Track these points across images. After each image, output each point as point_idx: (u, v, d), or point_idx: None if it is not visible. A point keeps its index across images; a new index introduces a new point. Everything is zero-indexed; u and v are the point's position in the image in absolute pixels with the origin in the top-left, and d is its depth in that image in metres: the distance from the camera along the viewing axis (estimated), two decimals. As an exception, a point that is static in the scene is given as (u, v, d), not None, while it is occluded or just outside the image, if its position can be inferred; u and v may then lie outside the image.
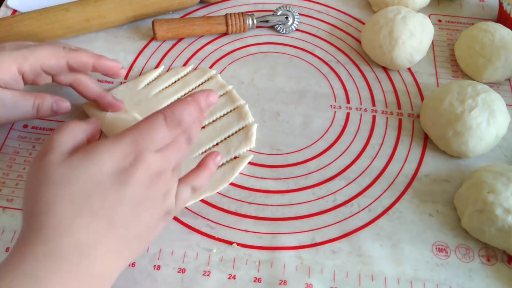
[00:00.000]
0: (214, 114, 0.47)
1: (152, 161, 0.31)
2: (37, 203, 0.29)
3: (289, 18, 0.55)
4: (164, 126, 0.32)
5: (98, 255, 0.29)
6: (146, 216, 0.32)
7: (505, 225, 0.38)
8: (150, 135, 0.32)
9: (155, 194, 0.32)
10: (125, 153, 0.31)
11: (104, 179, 0.30)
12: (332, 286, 0.38)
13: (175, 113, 0.33)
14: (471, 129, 0.43)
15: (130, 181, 0.30)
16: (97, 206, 0.29)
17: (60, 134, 0.32)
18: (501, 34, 0.50)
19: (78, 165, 0.30)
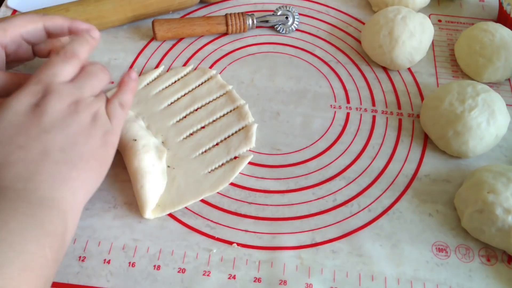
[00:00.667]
0: (214, 114, 0.47)
1: (62, 89, 0.34)
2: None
3: (289, 18, 0.55)
4: (61, 61, 0.35)
5: (42, 180, 0.31)
6: (80, 138, 0.34)
7: (505, 225, 0.38)
8: (52, 71, 0.35)
9: (80, 118, 0.34)
10: (34, 92, 0.33)
11: (21, 119, 0.32)
12: (332, 286, 0.38)
13: (66, 48, 0.36)
14: (471, 129, 0.43)
15: (46, 111, 0.33)
16: (24, 141, 0.32)
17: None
18: (501, 34, 0.50)
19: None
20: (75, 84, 0.35)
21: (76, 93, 0.35)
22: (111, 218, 0.40)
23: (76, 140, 0.33)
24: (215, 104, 0.47)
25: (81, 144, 0.34)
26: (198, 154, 0.44)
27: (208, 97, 0.48)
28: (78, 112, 0.34)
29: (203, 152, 0.44)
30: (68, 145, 0.33)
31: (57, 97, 0.33)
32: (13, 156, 0.31)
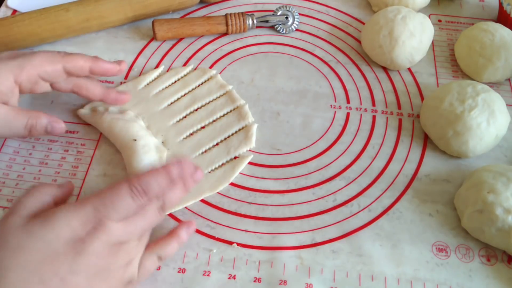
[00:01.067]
0: (214, 114, 0.47)
1: (113, 230, 0.30)
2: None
3: (289, 18, 0.55)
4: (128, 195, 0.31)
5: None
6: (103, 284, 0.30)
7: (505, 225, 0.38)
8: (112, 204, 0.30)
9: (115, 264, 0.31)
10: (84, 221, 0.29)
11: (59, 247, 0.29)
12: (332, 286, 0.38)
13: (141, 182, 0.31)
14: (471, 129, 0.43)
15: (85, 251, 0.29)
16: (48, 275, 0.28)
17: (26, 196, 0.31)
18: (501, 34, 0.50)
19: (34, 231, 0.29)
20: (128, 225, 0.31)
21: (125, 237, 0.31)
22: (111, 218, 0.40)
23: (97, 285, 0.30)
24: (215, 104, 0.47)
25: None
26: (198, 154, 0.44)
27: (208, 97, 0.48)
28: (116, 258, 0.31)
29: (203, 152, 0.44)
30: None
31: (105, 238, 0.30)
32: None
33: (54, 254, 0.28)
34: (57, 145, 0.45)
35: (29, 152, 0.44)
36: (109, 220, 0.30)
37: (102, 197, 0.31)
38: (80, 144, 0.45)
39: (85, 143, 0.45)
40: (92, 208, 0.30)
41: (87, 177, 0.43)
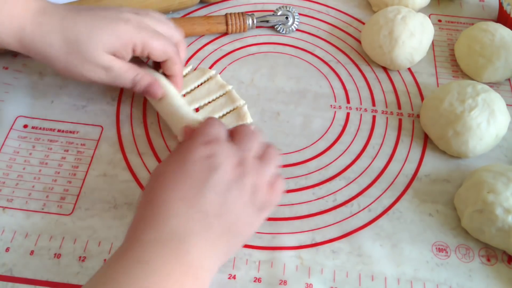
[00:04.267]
0: (213, 114, 0.47)
1: (228, 146, 0.34)
2: (146, 191, 0.34)
3: (289, 18, 0.55)
4: (217, 122, 0.37)
5: (193, 242, 0.31)
6: (236, 206, 0.33)
7: (505, 225, 0.38)
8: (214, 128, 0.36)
9: (243, 185, 0.33)
10: (204, 142, 0.34)
11: (195, 168, 0.33)
12: (332, 286, 0.38)
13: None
14: (471, 129, 0.43)
15: (215, 167, 0.33)
16: (189, 193, 0.32)
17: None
18: (501, 34, 0.50)
19: (175, 156, 0.34)
20: (236, 143, 0.35)
21: (239, 154, 0.34)
22: (111, 218, 0.40)
23: (232, 210, 0.33)
24: (215, 104, 0.47)
25: (235, 216, 0.33)
26: None
27: (208, 98, 0.48)
28: (242, 179, 0.33)
29: None
30: (223, 212, 0.32)
31: (226, 156, 0.33)
32: (175, 206, 0.32)
33: (192, 172, 0.33)
34: (57, 145, 0.45)
35: (29, 152, 0.44)
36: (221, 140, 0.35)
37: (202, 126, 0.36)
38: (80, 144, 0.45)
39: (85, 143, 0.45)
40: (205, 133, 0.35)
41: (87, 177, 0.43)
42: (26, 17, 0.38)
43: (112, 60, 0.40)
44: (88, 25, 0.39)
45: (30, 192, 0.42)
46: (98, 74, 0.40)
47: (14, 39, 0.38)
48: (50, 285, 0.37)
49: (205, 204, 0.32)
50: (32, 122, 0.46)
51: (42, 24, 0.38)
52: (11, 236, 0.39)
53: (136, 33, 0.40)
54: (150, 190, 0.33)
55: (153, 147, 0.45)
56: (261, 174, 0.35)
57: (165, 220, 0.31)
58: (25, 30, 0.38)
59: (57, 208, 0.41)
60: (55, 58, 0.39)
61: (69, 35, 0.38)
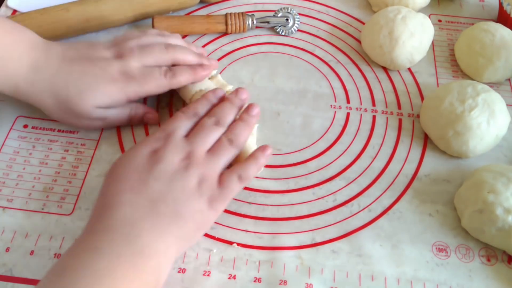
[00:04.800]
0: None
1: (178, 141, 0.37)
2: (102, 186, 0.36)
3: (289, 20, 0.55)
4: (182, 117, 0.39)
5: (142, 227, 0.33)
6: (181, 194, 0.34)
7: (505, 225, 0.38)
8: (173, 124, 0.38)
9: (187, 175, 0.35)
10: (156, 138, 0.37)
11: (141, 161, 0.35)
12: (332, 286, 0.38)
13: (189, 106, 0.40)
14: (471, 129, 0.43)
15: (160, 159, 0.35)
16: (136, 183, 0.34)
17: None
18: (501, 34, 0.50)
19: (124, 155, 0.37)
20: (190, 138, 0.37)
21: (188, 148, 0.37)
22: (111, 218, 0.40)
23: (179, 197, 0.34)
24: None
25: (182, 202, 0.34)
26: None
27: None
28: (187, 170, 0.35)
29: None
30: (172, 200, 0.34)
31: (172, 149, 0.36)
32: (124, 196, 0.34)
33: (138, 166, 0.35)
34: (57, 145, 0.45)
35: (29, 152, 0.44)
36: (174, 134, 0.37)
37: (166, 123, 0.39)
38: (80, 144, 0.45)
39: (85, 143, 0.45)
40: (161, 130, 0.38)
41: (87, 177, 0.43)
42: (20, 74, 0.40)
43: (103, 111, 0.42)
44: (78, 86, 0.41)
45: (30, 192, 0.42)
46: (95, 124, 0.44)
47: (10, 91, 0.41)
48: (50, 285, 0.37)
49: (151, 192, 0.34)
50: (32, 122, 0.46)
51: (34, 83, 0.41)
52: (11, 236, 0.39)
53: (125, 88, 0.41)
54: (104, 184, 0.36)
55: (153, 147, 0.45)
56: (208, 167, 0.36)
57: (116, 209, 0.33)
58: (19, 87, 0.41)
59: (57, 208, 0.41)
60: (50, 111, 0.42)
61: (61, 95, 0.41)
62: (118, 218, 0.33)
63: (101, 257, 0.31)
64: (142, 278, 0.31)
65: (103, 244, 0.31)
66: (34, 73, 0.40)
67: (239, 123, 0.40)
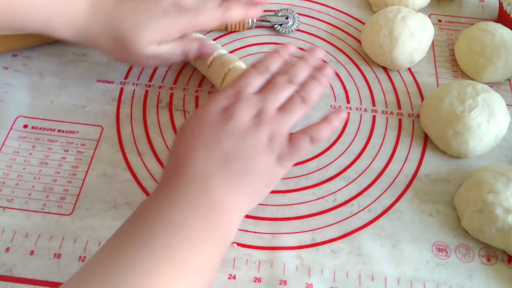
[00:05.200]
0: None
1: (249, 98, 0.36)
2: (173, 144, 0.37)
3: (289, 19, 0.55)
4: (254, 72, 0.39)
5: (214, 182, 0.33)
6: (252, 151, 0.35)
7: (505, 225, 0.38)
8: (245, 80, 0.38)
9: (258, 132, 0.35)
10: (228, 96, 0.37)
11: (213, 118, 0.36)
12: (332, 286, 0.38)
13: (261, 61, 0.40)
14: (471, 129, 0.43)
15: (232, 116, 0.35)
16: (209, 139, 0.35)
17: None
18: (501, 34, 0.50)
19: (196, 113, 0.37)
20: (261, 95, 0.37)
21: (260, 105, 0.36)
22: (111, 218, 0.40)
23: (249, 154, 0.35)
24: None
25: (252, 159, 0.35)
26: None
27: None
28: (258, 127, 0.35)
29: None
30: (243, 156, 0.34)
31: (243, 106, 0.36)
32: (198, 153, 0.34)
33: (210, 123, 0.35)
34: (57, 145, 0.45)
35: (29, 152, 0.44)
36: (245, 91, 0.37)
37: (236, 79, 0.38)
38: (80, 144, 0.45)
39: (85, 143, 0.45)
40: (231, 87, 0.38)
41: (87, 177, 0.43)
42: (78, 18, 0.41)
43: (156, 48, 0.42)
44: (132, 24, 0.41)
45: (30, 192, 0.42)
46: (149, 61, 0.44)
47: (70, 35, 0.42)
48: (50, 285, 0.37)
49: (224, 149, 0.34)
50: (32, 122, 0.46)
51: (92, 26, 0.42)
52: (11, 236, 0.39)
53: (177, 23, 0.42)
54: (175, 143, 0.36)
55: (153, 147, 0.45)
56: (279, 125, 0.36)
57: (188, 164, 0.34)
58: (79, 31, 0.42)
59: (57, 208, 0.41)
60: (108, 51, 0.44)
61: (116, 35, 0.41)
62: (192, 173, 0.33)
63: (176, 208, 0.31)
64: (216, 232, 0.32)
65: (178, 196, 0.32)
66: (91, 16, 0.41)
67: (312, 81, 0.39)
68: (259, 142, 0.35)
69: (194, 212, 0.32)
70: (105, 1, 0.42)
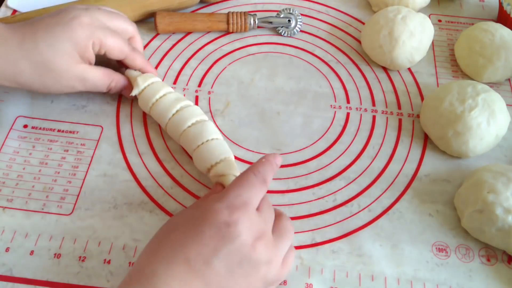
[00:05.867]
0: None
1: (253, 218, 0.31)
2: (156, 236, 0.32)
3: (291, 21, 0.55)
4: (259, 185, 0.33)
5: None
6: (243, 282, 0.30)
7: (505, 225, 0.38)
8: (252, 192, 0.33)
9: (257, 259, 0.31)
10: (231, 206, 0.31)
11: (205, 229, 0.30)
12: (332, 286, 0.38)
13: (260, 171, 0.34)
14: (471, 129, 0.43)
15: (233, 236, 0.30)
16: (193, 255, 0.29)
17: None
18: (501, 34, 0.50)
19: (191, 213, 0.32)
20: (262, 215, 0.33)
21: (262, 228, 0.32)
22: (111, 218, 0.40)
23: (235, 281, 0.30)
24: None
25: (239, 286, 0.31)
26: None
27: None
28: (259, 254, 0.31)
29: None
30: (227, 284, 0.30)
31: (248, 227, 0.31)
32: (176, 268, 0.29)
33: (200, 234, 0.30)
34: (57, 145, 0.45)
35: (29, 152, 0.44)
36: (249, 207, 0.32)
37: (239, 184, 0.33)
38: (80, 144, 0.45)
39: (85, 143, 0.45)
40: (235, 195, 0.32)
41: (87, 177, 0.43)
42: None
43: (85, 69, 0.41)
44: (48, 42, 0.39)
45: (30, 192, 0.42)
46: (75, 86, 0.42)
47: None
48: (50, 285, 0.37)
49: (209, 274, 0.29)
50: (32, 122, 0.46)
51: (5, 54, 0.39)
52: (11, 236, 0.39)
53: (90, 33, 0.40)
54: (158, 238, 0.32)
55: (153, 147, 0.45)
56: (277, 250, 0.33)
57: (162, 277, 0.29)
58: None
59: (57, 208, 0.41)
60: (31, 82, 0.41)
61: (35, 58, 0.39)
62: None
63: None
64: None
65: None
66: (2, 45, 0.39)
67: None
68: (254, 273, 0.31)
69: None
70: (11, 26, 0.40)
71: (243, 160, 0.45)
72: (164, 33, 0.54)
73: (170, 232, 0.31)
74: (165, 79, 0.51)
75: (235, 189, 0.33)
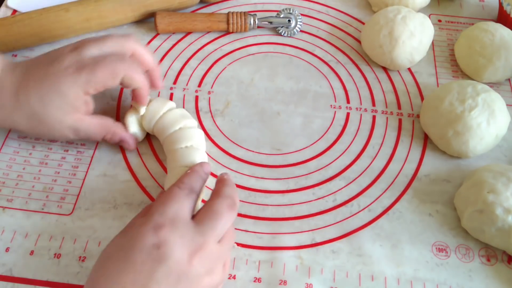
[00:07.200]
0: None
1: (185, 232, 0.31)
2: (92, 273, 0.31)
3: (291, 21, 0.55)
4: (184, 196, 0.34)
5: None
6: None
7: (505, 225, 0.38)
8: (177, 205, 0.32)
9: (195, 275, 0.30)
10: (157, 225, 0.31)
11: (141, 257, 0.29)
12: (332, 286, 0.38)
13: (185, 182, 0.35)
14: (471, 129, 0.43)
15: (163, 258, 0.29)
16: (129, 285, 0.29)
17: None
18: (501, 34, 0.50)
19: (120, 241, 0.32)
20: (199, 227, 0.32)
21: (198, 240, 0.31)
22: (111, 218, 0.40)
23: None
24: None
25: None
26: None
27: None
28: (198, 269, 0.30)
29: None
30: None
31: (179, 244, 0.30)
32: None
33: (137, 262, 0.29)
34: (57, 145, 0.45)
35: (29, 152, 0.44)
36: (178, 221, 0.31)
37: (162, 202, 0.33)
38: (80, 144, 0.45)
39: (85, 143, 0.45)
40: (159, 213, 0.31)
41: (87, 177, 0.43)
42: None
43: (77, 120, 0.40)
44: (39, 95, 0.38)
45: (30, 192, 0.42)
46: (68, 135, 0.41)
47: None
48: (50, 285, 0.37)
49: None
50: (32, 122, 0.46)
51: (1, 105, 0.39)
52: (11, 236, 0.39)
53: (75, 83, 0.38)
54: (95, 270, 0.31)
55: (153, 147, 0.45)
56: (218, 258, 0.33)
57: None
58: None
59: (57, 208, 0.41)
60: (27, 131, 0.40)
61: (28, 111, 0.38)
62: None
63: None
64: None
65: None
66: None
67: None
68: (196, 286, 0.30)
69: None
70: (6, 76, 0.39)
71: (243, 160, 0.45)
72: (164, 33, 0.54)
73: (105, 263, 0.31)
74: (165, 79, 0.51)
75: (159, 207, 0.32)
